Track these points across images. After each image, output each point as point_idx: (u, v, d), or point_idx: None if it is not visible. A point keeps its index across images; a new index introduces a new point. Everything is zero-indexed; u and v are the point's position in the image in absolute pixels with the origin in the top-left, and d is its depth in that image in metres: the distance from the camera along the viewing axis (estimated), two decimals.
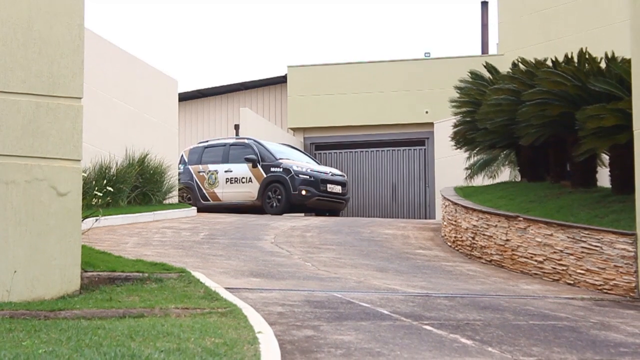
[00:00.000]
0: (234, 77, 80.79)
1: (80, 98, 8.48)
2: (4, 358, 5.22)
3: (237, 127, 26.76)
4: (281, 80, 31.29)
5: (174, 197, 20.76)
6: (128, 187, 18.40)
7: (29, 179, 8.19)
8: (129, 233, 14.63)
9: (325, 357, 6.01)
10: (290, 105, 30.11)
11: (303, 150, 24.91)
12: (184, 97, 30.50)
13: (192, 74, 72.80)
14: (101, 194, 13.71)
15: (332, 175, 22.10)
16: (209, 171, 22.88)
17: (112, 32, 77.66)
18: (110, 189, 15.27)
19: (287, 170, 21.47)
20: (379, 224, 19.24)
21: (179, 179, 22.67)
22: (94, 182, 16.23)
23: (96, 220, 11.76)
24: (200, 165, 23.22)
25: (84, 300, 7.92)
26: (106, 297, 8.00)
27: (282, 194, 21.46)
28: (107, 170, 17.82)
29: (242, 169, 22.24)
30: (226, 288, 8.67)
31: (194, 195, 22.92)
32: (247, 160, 22.19)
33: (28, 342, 5.88)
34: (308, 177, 21.49)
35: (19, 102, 8.21)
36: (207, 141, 24.29)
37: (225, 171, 22.59)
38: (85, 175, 15.49)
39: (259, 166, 21.84)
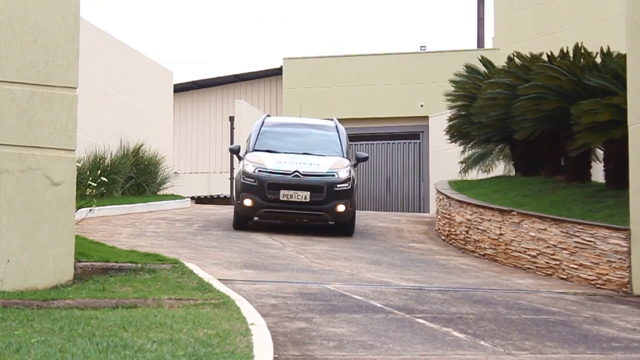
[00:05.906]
0: (229, 68, 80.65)
1: (75, 88, 8.46)
2: None
3: (232, 119, 26.66)
4: (276, 72, 31.22)
5: (167, 188, 20.73)
6: (122, 177, 18.40)
7: (23, 169, 8.17)
8: (122, 224, 14.62)
9: (317, 349, 6.01)
10: (286, 98, 30.06)
11: (339, 130, 16.28)
12: (179, 89, 30.43)
13: (187, 65, 72.67)
14: (95, 184, 13.71)
15: (295, 175, 14.49)
16: None
17: (107, 22, 77.48)
18: (104, 179, 15.28)
19: (239, 172, 15.26)
20: (373, 216, 19.25)
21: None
22: (88, 173, 16.23)
23: (90, 210, 11.76)
24: None
25: (77, 290, 7.92)
26: (99, 287, 8.00)
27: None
28: (101, 161, 17.83)
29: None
30: (219, 279, 8.68)
31: None
32: (230, 150, 16.74)
33: (21, 332, 5.88)
34: (252, 180, 14.63)
35: (13, 91, 8.18)
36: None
37: None
38: (80, 165, 15.50)
39: (237, 161, 16.28)
